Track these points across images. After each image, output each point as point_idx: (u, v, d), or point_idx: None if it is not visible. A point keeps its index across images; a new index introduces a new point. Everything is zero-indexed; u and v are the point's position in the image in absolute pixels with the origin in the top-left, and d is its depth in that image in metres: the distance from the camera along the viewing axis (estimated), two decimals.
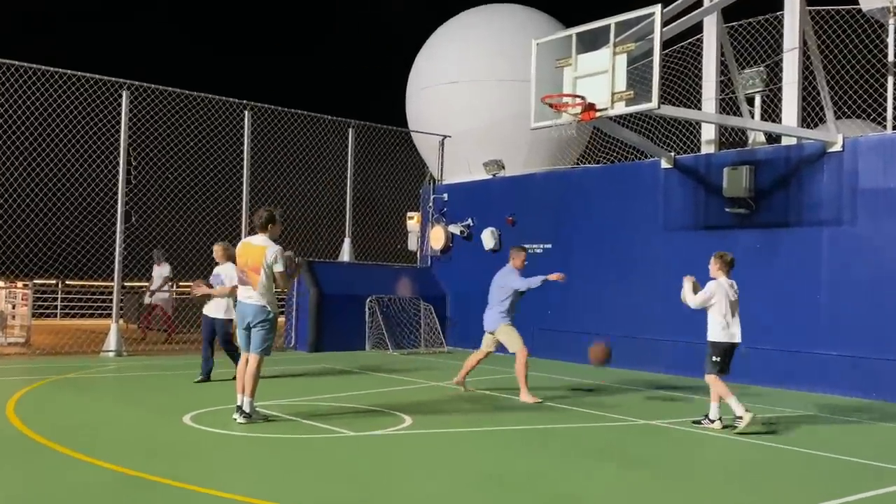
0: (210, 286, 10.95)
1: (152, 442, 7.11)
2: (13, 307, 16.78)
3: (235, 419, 7.91)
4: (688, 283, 8.72)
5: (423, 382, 11.65)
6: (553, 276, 10.45)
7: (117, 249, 14.22)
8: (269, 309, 8.01)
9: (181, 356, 14.77)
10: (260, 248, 8.02)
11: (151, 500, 5.28)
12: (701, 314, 8.70)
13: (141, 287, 18.44)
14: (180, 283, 19.73)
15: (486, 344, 10.80)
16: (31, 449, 6.62)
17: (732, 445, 7.66)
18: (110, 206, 14.35)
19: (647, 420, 8.89)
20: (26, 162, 13.89)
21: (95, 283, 17.88)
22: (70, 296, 21.32)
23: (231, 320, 10.79)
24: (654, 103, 10.59)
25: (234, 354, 10.54)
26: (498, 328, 10.51)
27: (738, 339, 8.49)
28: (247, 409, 7.94)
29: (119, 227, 14.21)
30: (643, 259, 14.05)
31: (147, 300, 17.24)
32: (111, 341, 14.22)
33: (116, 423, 7.91)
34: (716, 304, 8.45)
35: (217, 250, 11.20)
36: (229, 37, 46.90)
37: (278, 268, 7.96)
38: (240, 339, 8.21)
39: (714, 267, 8.68)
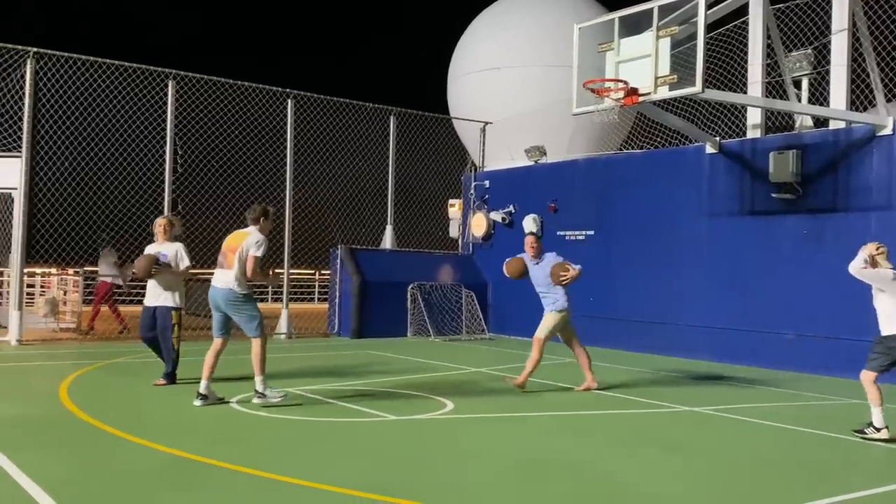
0: (163, 266, 9.17)
1: (202, 425, 7.27)
2: (65, 294, 17.23)
3: (199, 405, 7.98)
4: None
5: (465, 368, 11.71)
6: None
7: None
8: (237, 290, 8.06)
9: (230, 342, 14.98)
10: (245, 234, 8.18)
11: (204, 481, 5.41)
12: (742, 301, 8.57)
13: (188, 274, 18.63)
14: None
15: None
16: (86, 431, 6.82)
17: (775, 433, 7.58)
18: (157, 195, 14.63)
19: (689, 407, 8.84)
20: (77, 152, 14.20)
21: None
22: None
23: (179, 310, 9.43)
24: (698, 87, 10.47)
25: (159, 348, 9.49)
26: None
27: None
28: (260, 388, 8.08)
29: (166, 215, 14.47)
30: (687, 245, 13.91)
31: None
32: None
33: (166, 407, 8.10)
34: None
35: (162, 224, 9.47)
36: (273, 26, 47.28)
37: (254, 252, 7.99)
38: (214, 321, 8.33)
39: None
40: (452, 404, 8.48)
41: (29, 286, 15.55)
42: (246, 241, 8.07)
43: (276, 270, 9.15)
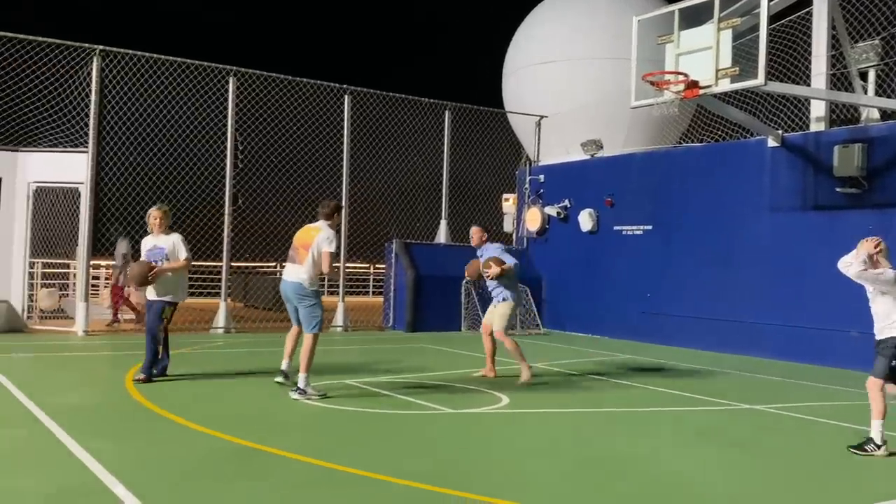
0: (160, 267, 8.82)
1: (263, 414, 7.41)
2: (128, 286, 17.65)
3: (279, 381, 8.59)
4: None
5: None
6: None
7: (225, 231, 14.81)
8: (306, 285, 8.32)
9: (284, 333, 15.23)
10: (316, 229, 8.42)
11: (268, 470, 5.52)
12: (804, 298, 8.35)
13: (245, 267, 19.03)
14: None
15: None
16: (152, 420, 7.01)
17: (840, 432, 7.42)
18: (219, 190, 14.93)
19: (750, 405, 8.70)
20: (140, 147, 14.56)
21: (205, 264, 18.61)
22: None
23: (175, 305, 9.11)
24: (760, 79, 10.29)
25: (156, 346, 8.94)
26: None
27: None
28: (301, 384, 8.14)
29: (227, 209, 14.78)
30: (748, 241, 13.68)
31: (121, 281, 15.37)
32: (220, 318, 14.86)
33: (228, 396, 8.27)
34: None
35: (156, 216, 9.03)
36: (330, 23, 47.74)
37: (327, 248, 8.22)
38: (290, 312, 8.70)
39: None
40: (507, 399, 8.49)
41: (94, 278, 15.99)
42: (318, 238, 8.31)
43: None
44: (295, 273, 8.38)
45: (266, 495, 4.89)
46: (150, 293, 8.97)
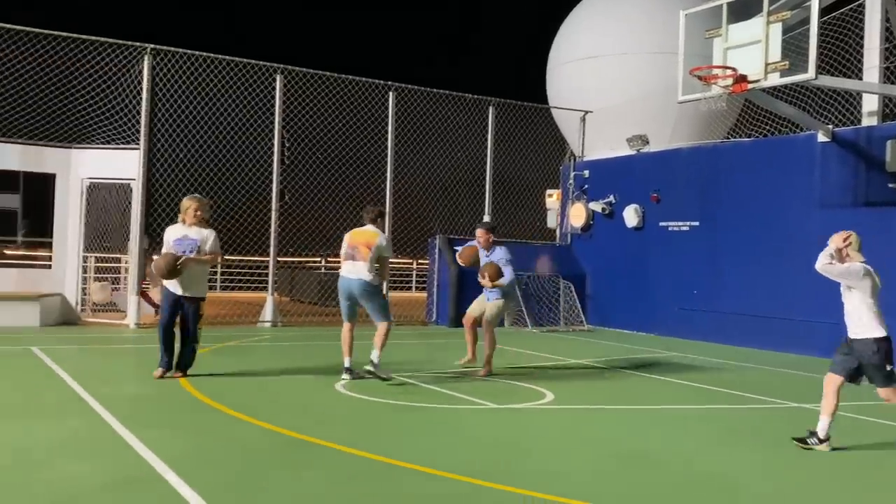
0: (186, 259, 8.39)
1: (310, 407, 7.54)
2: None
3: (345, 379, 8.77)
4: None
5: (563, 359, 11.68)
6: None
7: (272, 226, 15.02)
8: (370, 282, 8.72)
9: (332, 327, 15.43)
10: (374, 232, 8.86)
11: (314, 461, 5.62)
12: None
13: (291, 262, 19.18)
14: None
15: None
16: (202, 410, 7.17)
17: (889, 431, 7.28)
18: (266, 185, 15.15)
19: (799, 403, 8.58)
20: (191, 144, 14.83)
21: (252, 258, 18.91)
22: (230, 270, 22.66)
23: (204, 299, 8.78)
24: (811, 73, 10.12)
25: (172, 337, 8.59)
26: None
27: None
28: (375, 359, 8.62)
29: (274, 204, 14.99)
30: (797, 237, 13.44)
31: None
32: (267, 312, 15.09)
33: (276, 388, 8.41)
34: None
35: (194, 206, 8.59)
36: (375, 21, 47.99)
37: (389, 254, 8.89)
38: (343, 308, 9.01)
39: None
40: (552, 395, 8.49)
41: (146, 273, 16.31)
42: (378, 241, 8.76)
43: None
44: (356, 271, 8.74)
45: (315, 486, 4.99)
46: (173, 286, 8.45)
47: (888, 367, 6.25)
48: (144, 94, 14.02)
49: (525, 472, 5.53)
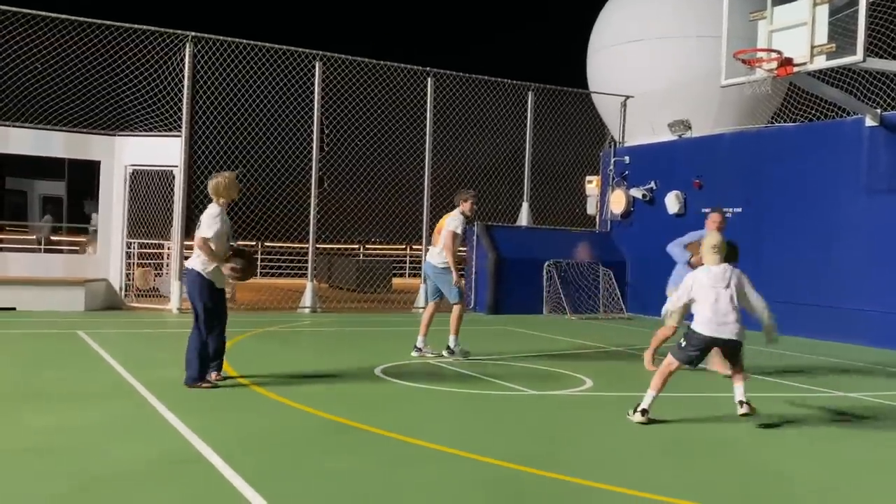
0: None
1: (353, 392, 7.57)
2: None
3: (414, 355, 9.50)
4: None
5: (602, 347, 11.60)
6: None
7: (312, 213, 15.11)
8: (437, 264, 9.59)
9: (369, 314, 15.51)
10: (448, 215, 9.74)
11: (360, 446, 5.65)
12: None
13: (330, 249, 19.22)
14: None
15: None
16: (246, 395, 7.24)
17: None
18: (305, 172, 15.24)
19: (845, 392, 8.42)
20: (231, 131, 14.97)
21: (292, 245, 19.08)
22: (270, 256, 22.88)
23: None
24: (858, 56, 9.87)
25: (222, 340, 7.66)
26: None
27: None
28: (451, 344, 9.57)
29: (313, 192, 15.07)
30: (844, 224, 13.18)
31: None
32: (307, 298, 15.21)
33: (316, 373, 8.47)
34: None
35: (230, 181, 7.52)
36: (412, 6, 47.89)
37: (450, 227, 9.50)
38: (424, 290, 10.32)
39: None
40: (591, 381, 8.45)
41: (187, 258, 16.55)
42: (447, 220, 9.62)
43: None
44: (432, 253, 9.73)
45: (360, 470, 5.01)
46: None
47: None
48: (186, 82, 14.16)
49: (567, 458, 5.51)
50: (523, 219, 17.91)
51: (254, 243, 21.95)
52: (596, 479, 4.94)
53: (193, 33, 14.28)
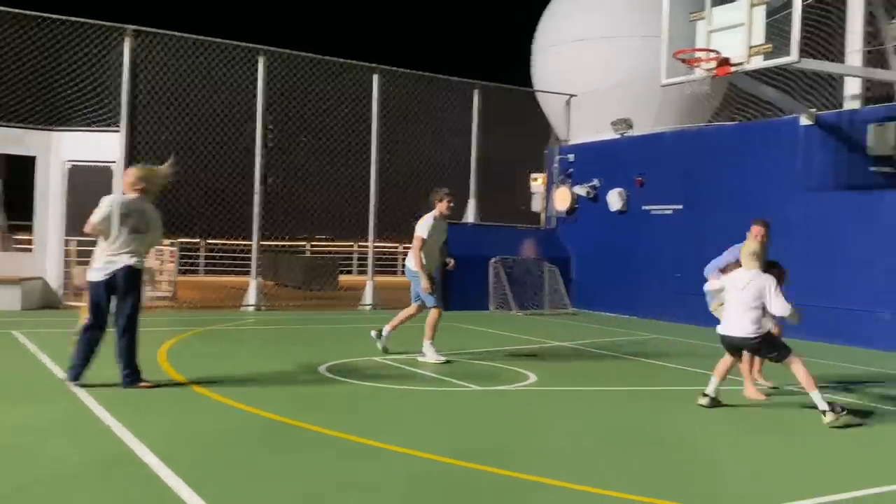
0: None
1: (293, 390, 7.52)
2: (161, 264, 17.93)
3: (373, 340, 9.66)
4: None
5: (548, 342, 11.71)
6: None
7: (255, 210, 14.93)
8: (409, 266, 9.45)
9: (315, 312, 15.42)
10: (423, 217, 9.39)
11: (300, 445, 5.62)
12: (837, 279, 8.28)
13: (275, 246, 19.00)
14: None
15: None
16: (185, 395, 7.13)
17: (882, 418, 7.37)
18: (249, 168, 15.05)
19: (779, 385, 8.65)
20: (173, 126, 14.71)
21: (236, 242, 18.83)
22: (212, 254, 22.56)
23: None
24: (793, 56, 10.13)
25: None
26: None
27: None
28: (424, 349, 9.35)
29: (257, 188, 14.89)
30: (781, 221, 13.41)
31: None
32: (251, 296, 15.03)
33: (259, 372, 8.38)
34: None
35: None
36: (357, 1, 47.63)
37: (417, 231, 9.25)
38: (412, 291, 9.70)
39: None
40: (536, 376, 8.53)
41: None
42: (418, 224, 9.32)
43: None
44: (408, 257, 9.51)
45: (302, 469, 4.98)
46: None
47: None
48: (125, 76, 13.88)
49: (510, 453, 5.55)
50: (470, 216, 17.98)
51: (197, 240, 21.65)
52: (538, 474, 4.99)
53: (133, 27, 13.99)
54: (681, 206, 15.35)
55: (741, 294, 6.93)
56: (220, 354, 9.65)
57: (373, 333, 9.77)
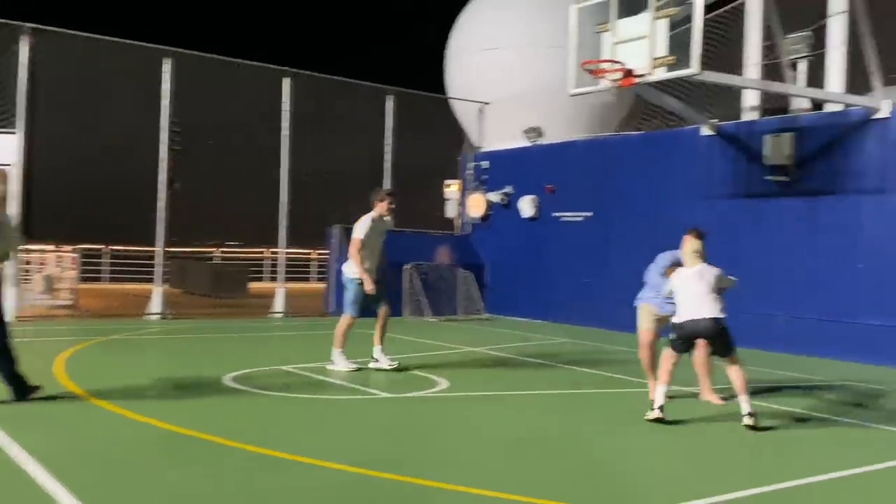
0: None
1: (196, 401, 7.33)
2: (61, 271, 17.24)
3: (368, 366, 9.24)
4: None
5: (460, 348, 11.76)
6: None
7: (160, 215, 14.52)
8: (344, 271, 9.26)
9: (223, 320, 15.10)
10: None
11: (199, 456, 5.47)
12: (745, 285, 8.56)
13: (183, 252, 18.54)
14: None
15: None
16: (81, 407, 6.87)
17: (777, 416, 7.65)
18: (154, 173, 14.62)
19: (693, 388, 8.89)
20: (74, 128, 14.18)
21: (141, 248, 18.23)
22: (116, 260, 21.83)
23: None
24: (694, 69, 10.43)
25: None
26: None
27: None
28: (333, 356, 9.12)
29: (161, 192, 14.49)
30: (683, 229, 13.82)
31: None
32: (155, 304, 14.60)
33: (161, 383, 8.15)
34: None
35: None
36: (270, 3, 46.97)
37: (354, 233, 9.10)
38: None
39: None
40: (448, 382, 8.54)
41: (25, 263, 15.58)
42: (355, 225, 9.11)
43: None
44: (345, 263, 9.19)
45: (202, 482, 4.86)
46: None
47: None
48: (20, 75, 13.32)
49: (417, 460, 5.54)
50: None
51: (100, 246, 20.90)
52: (441, 480, 4.99)
53: (31, 25, 13.44)
54: (590, 214, 15.66)
55: (697, 286, 7.16)
56: (120, 365, 9.33)
57: (372, 365, 9.31)
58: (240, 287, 19.79)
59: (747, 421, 6.67)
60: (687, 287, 7.23)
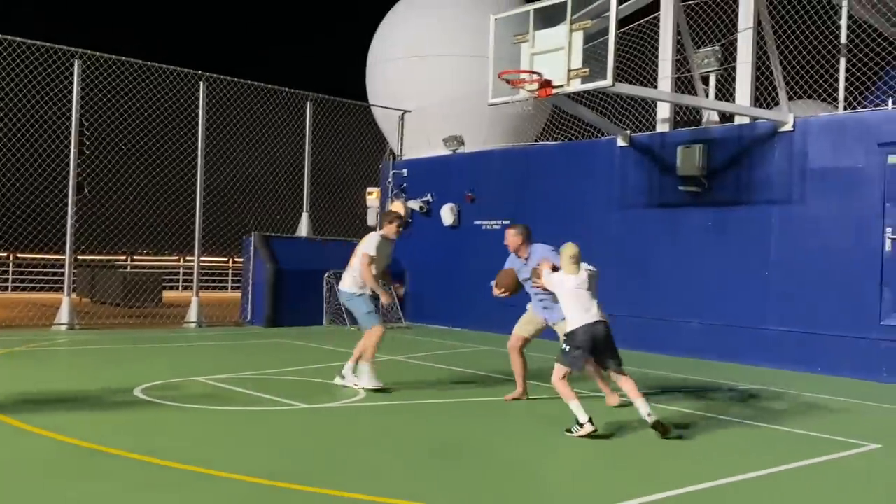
0: None
1: (102, 413, 7.07)
2: None
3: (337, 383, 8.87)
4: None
5: (379, 357, 11.65)
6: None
7: (69, 222, 13.99)
8: (346, 290, 8.92)
9: (135, 330, 14.65)
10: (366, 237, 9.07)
11: (103, 471, 5.27)
12: (648, 291, 8.77)
13: (93, 260, 17.98)
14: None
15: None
16: None
17: (703, 422, 7.83)
18: (62, 178, 14.09)
19: (597, 393, 9.03)
20: None
21: (47, 257, 17.57)
22: (21, 269, 20.96)
23: None
24: (609, 81, 10.65)
25: None
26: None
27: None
28: (344, 371, 8.87)
29: (71, 198, 13.97)
30: (599, 237, 14.19)
31: None
32: (63, 314, 14.05)
33: (67, 396, 7.83)
34: None
35: None
36: (187, 5, 46.01)
37: (362, 248, 8.90)
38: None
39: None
40: (364, 392, 8.47)
41: None
42: (362, 242, 8.94)
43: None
44: (344, 278, 8.97)
45: (105, 498, 4.67)
46: None
47: None
48: None
49: (329, 471, 5.46)
50: (303, 229, 17.71)
51: (4, 254, 20.03)
52: (354, 490, 4.93)
53: None
54: (509, 222, 15.78)
55: (579, 291, 7.26)
56: (24, 377, 8.93)
57: (337, 380, 8.89)
58: (152, 296, 19.24)
59: (651, 420, 6.77)
60: (575, 295, 7.25)
